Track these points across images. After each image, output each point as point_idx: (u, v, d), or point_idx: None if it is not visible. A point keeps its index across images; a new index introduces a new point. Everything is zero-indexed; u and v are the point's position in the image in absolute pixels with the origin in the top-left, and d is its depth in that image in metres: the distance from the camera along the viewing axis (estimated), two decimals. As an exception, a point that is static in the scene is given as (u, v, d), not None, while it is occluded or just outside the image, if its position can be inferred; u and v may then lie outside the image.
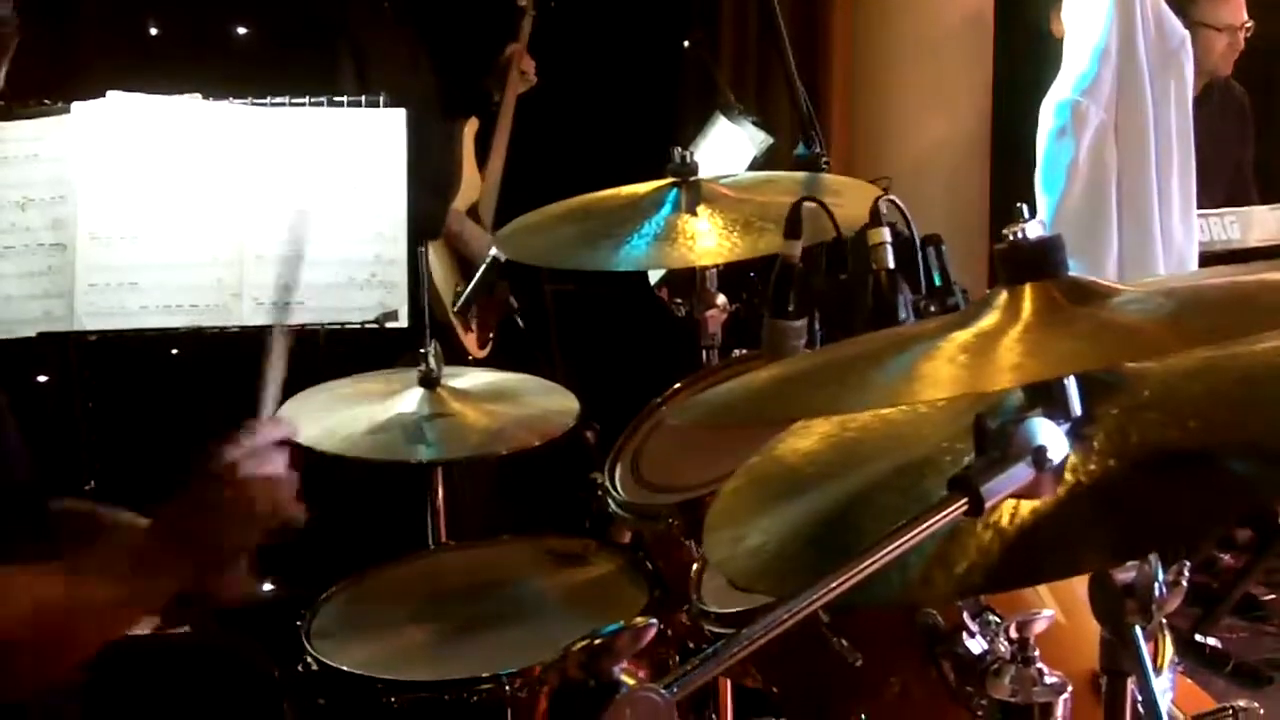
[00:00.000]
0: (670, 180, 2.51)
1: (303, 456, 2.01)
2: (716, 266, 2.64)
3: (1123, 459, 1.17)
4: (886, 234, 1.92)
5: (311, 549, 2.29)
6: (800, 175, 2.71)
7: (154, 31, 4.48)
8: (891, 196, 1.97)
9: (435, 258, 4.30)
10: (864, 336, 1.53)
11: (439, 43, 4.44)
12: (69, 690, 1.94)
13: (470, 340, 4.28)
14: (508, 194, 4.67)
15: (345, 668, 2.08)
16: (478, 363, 4.20)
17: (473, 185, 4.58)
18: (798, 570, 1.28)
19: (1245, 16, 4.80)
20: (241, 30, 4.53)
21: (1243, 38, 4.78)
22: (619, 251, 2.42)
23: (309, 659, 2.13)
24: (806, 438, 1.49)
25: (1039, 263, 1.26)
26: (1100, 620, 1.28)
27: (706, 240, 2.40)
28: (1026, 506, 1.16)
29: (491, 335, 4.32)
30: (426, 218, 4.05)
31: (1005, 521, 1.17)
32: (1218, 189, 4.60)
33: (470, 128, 4.62)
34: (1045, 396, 1.18)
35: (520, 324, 3.29)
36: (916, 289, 1.89)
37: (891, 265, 1.89)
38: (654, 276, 4.04)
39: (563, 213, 2.59)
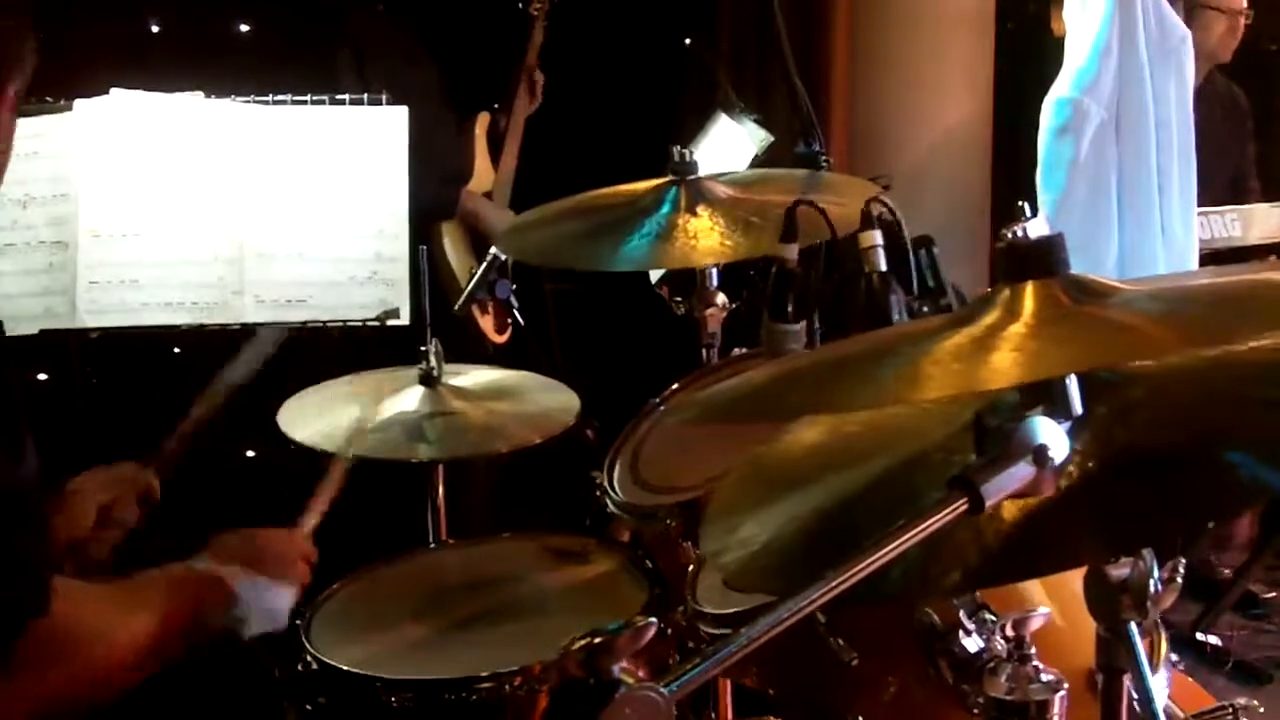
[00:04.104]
0: (670, 179, 2.51)
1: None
2: (716, 266, 2.64)
3: (1112, 458, 1.17)
4: (877, 237, 1.92)
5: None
6: (800, 173, 2.70)
7: (156, 29, 4.49)
8: (884, 198, 1.97)
9: (450, 240, 4.32)
10: (864, 335, 1.53)
11: (448, 40, 4.44)
12: None
13: (487, 323, 4.30)
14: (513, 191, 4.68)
15: (345, 666, 2.08)
16: (494, 351, 4.22)
17: (486, 176, 4.60)
18: (786, 565, 1.29)
19: (1246, 4, 4.78)
20: (244, 28, 4.53)
21: (1242, 24, 4.75)
22: (618, 251, 2.42)
23: (308, 657, 2.13)
24: (811, 429, 1.49)
25: (1040, 261, 1.25)
26: (1096, 617, 1.28)
27: (706, 240, 2.40)
28: (1019, 501, 1.16)
29: (510, 320, 4.33)
30: (438, 200, 4.07)
31: (998, 517, 1.18)
32: (1217, 188, 4.60)
33: (482, 123, 4.63)
34: (1046, 395, 1.18)
35: (521, 322, 3.29)
36: (910, 290, 1.89)
37: (884, 267, 1.89)
38: (654, 275, 4.05)
39: (562, 211, 2.59)
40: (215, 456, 2.81)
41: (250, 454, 4.01)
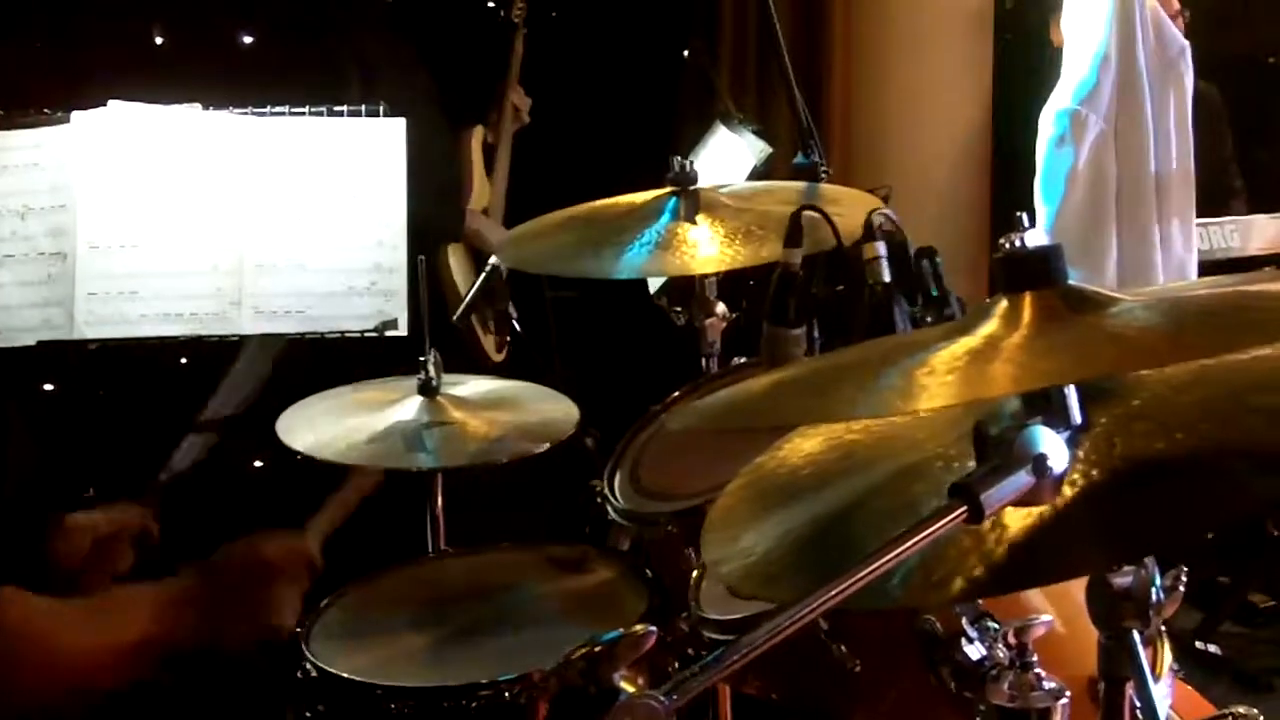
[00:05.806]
0: (669, 189, 2.51)
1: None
2: (716, 275, 2.64)
3: (1113, 467, 1.17)
4: (881, 248, 1.92)
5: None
6: (800, 184, 2.71)
7: (154, 41, 4.49)
8: (886, 210, 1.97)
9: (455, 259, 4.32)
10: (864, 343, 1.53)
11: (439, 53, 4.45)
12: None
13: (489, 343, 4.30)
14: (510, 203, 4.69)
15: (344, 674, 2.08)
16: (492, 369, 4.22)
17: (482, 191, 4.60)
18: (787, 574, 1.29)
19: (1179, 6, 4.73)
20: (242, 40, 4.53)
21: (1182, 24, 4.70)
22: (619, 260, 2.42)
23: (308, 665, 2.13)
24: (811, 438, 1.49)
25: (1038, 271, 1.25)
26: (1098, 625, 1.28)
27: (706, 249, 2.40)
28: (1021, 511, 1.16)
29: (509, 339, 4.33)
30: (443, 220, 4.07)
31: (1001, 526, 1.17)
32: (1199, 186, 4.57)
33: (477, 136, 4.64)
34: (1045, 404, 1.18)
35: (520, 331, 3.29)
36: (913, 301, 1.89)
37: (887, 278, 1.89)
38: (654, 284, 4.05)
39: (562, 221, 2.59)
40: (219, 467, 2.81)
41: (257, 464, 4.01)
